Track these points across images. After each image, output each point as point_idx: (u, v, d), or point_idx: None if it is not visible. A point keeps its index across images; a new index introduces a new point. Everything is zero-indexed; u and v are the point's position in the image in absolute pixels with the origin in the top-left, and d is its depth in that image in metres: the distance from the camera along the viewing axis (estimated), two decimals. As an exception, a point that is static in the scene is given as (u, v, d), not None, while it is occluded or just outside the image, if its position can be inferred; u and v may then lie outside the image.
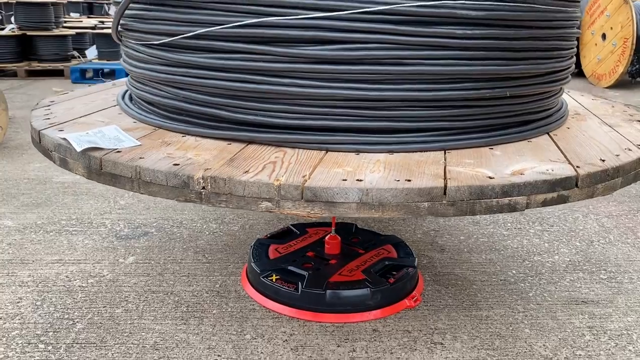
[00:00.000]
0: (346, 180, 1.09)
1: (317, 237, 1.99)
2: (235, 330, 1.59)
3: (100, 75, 6.16)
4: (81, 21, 8.80)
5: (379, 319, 1.65)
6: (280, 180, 1.08)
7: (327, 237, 1.87)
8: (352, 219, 2.12)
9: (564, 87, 1.66)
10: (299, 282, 1.67)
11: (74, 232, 2.25)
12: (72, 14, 9.93)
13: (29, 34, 6.69)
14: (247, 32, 1.27)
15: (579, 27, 1.60)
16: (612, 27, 6.09)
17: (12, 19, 6.84)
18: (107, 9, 11.52)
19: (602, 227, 2.39)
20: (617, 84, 6.16)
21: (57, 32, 6.90)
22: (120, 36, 1.62)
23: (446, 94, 1.29)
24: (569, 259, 2.08)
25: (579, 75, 6.50)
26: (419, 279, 1.84)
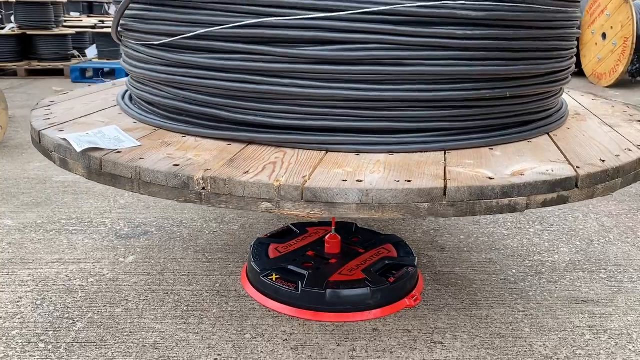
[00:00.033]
0: (346, 180, 1.10)
1: (317, 236, 1.99)
2: (235, 329, 1.59)
3: (100, 74, 6.16)
4: (81, 20, 8.81)
5: (379, 318, 1.65)
6: (280, 180, 1.08)
7: (327, 237, 1.87)
8: (352, 218, 2.12)
9: (564, 87, 1.66)
10: (299, 282, 1.67)
11: (74, 232, 2.25)
12: (72, 13, 9.93)
13: (29, 33, 6.69)
14: (247, 33, 1.27)
15: (579, 27, 1.60)
16: (612, 27, 6.09)
17: (12, 18, 6.84)
18: (107, 8, 11.51)
19: (602, 227, 2.39)
20: (618, 84, 6.16)
21: (57, 31, 6.90)
22: (120, 36, 1.62)
23: (446, 95, 1.29)
24: (569, 258, 2.08)
25: (579, 74, 6.50)
26: (419, 278, 1.84)
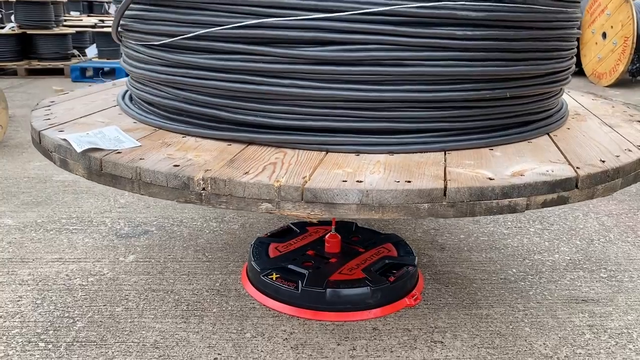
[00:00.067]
0: (346, 181, 1.10)
1: (317, 235, 1.99)
2: (235, 328, 1.59)
3: (100, 74, 6.16)
4: (81, 20, 8.80)
5: (379, 317, 1.65)
6: (280, 181, 1.08)
7: (327, 236, 1.88)
8: (352, 218, 2.12)
9: (565, 87, 1.66)
10: (299, 281, 1.67)
11: (74, 231, 2.26)
12: (72, 13, 9.94)
13: (29, 32, 6.69)
14: (247, 33, 1.27)
15: (579, 27, 1.60)
16: (612, 26, 6.08)
17: (12, 17, 6.84)
18: (107, 7, 11.51)
19: (602, 226, 2.39)
20: (618, 83, 6.16)
21: (57, 30, 6.90)
22: (120, 36, 1.62)
23: (446, 95, 1.29)
24: (569, 258, 2.08)
25: (580, 74, 6.50)
26: (419, 278, 1.85)
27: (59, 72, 6.57)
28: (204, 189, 1.11)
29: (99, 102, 1.77)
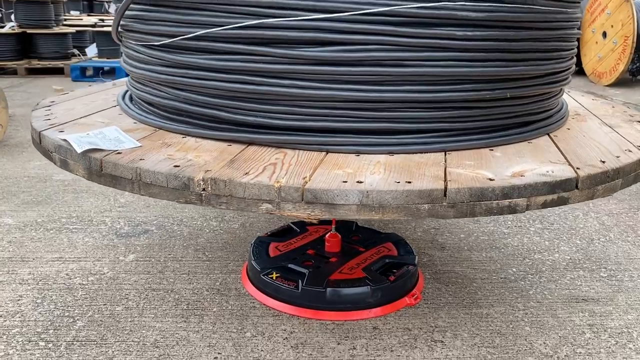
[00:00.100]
0: (346, 182, 1.10)
1: (317, 235, 1.99)
2: (235, 328, 1.59)
3: (100, 73, 6.16)
4: (81, 19, 8.81)
5: (379, 316, 1.65)
6: (280, 182, 1.08)
7: (327, 235, 1.88)
8: (352, 218, 2.12)
9: (565, 87, 1.66)
10: (299, 280, 1.67)
11: (74, 230, 2.26)
12: (72, 12, 9.94)
13: (29, 31, 6.69)
14: (247, 34, 1.27)
15: (579, 27, 1.60)
16: (612, 25, 6.08)
17: (12, 16, 6.84)
18: (107, 6, 11.51)
19: (602, 225, 2.39)
20: (618, 82, 6.16)
21: (57, 30, 6.90)
22: (120, 37, 1.62)
23: (446, 95, 1.29)
24: (569, 257, 2.09)
25: (580, 73, 6.49)
26: (419, 277, 1.85)
27: (59, 71, 6.56)
28: (204, 190, 1.11)
29: (99, 102, 1.77)
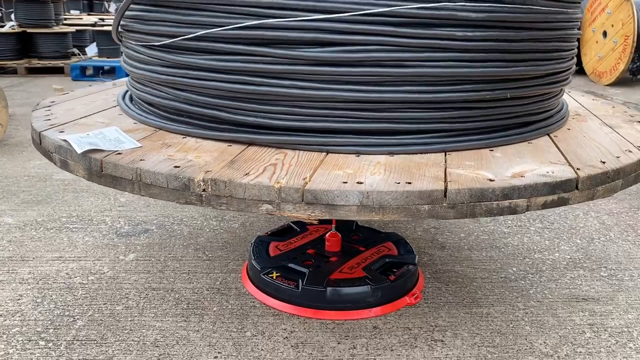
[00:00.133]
0: (347, 182, 1.10)
1: (317, 234, 1.99)
2: (235, 327, 1.59)
3: (100, 73, 6.16)
4: (81, 18, 8.80)
5: (380, 316, 1.65)
6: (280, 182, 1.09)
7: (327, 235, 1.88)
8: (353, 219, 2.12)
9: (565, 87, 1.66)
10: (300, 280, 1.67)
11: (74, 230, 2.26)
12: (72, 11, 9.93)
13: (29, 31, 6.69)
14: (247, 34, 1.27)
15: (579, 28, 1.60)
16: (613, 25, 6.07)
17: (12, 16, 6.83)
18: (107, 6, 11.50)
19: (602, 225, 2.39)
20: (618, 82, 6.15)
21: (57, 29, 6.90)
22: (120, 37, 1.62)
23: (446, 96, 1.29)
24: (569, 257, 2.09)
25: (580, 72, 6.49)
26: (419, 276, 1.85)
27: (59, 70, 6.56)
28: (204, 191, 1.11)
29: (99, 103, 1.77)
